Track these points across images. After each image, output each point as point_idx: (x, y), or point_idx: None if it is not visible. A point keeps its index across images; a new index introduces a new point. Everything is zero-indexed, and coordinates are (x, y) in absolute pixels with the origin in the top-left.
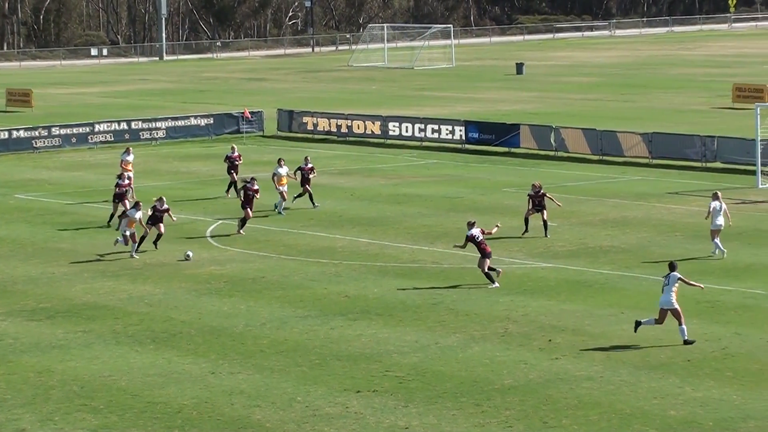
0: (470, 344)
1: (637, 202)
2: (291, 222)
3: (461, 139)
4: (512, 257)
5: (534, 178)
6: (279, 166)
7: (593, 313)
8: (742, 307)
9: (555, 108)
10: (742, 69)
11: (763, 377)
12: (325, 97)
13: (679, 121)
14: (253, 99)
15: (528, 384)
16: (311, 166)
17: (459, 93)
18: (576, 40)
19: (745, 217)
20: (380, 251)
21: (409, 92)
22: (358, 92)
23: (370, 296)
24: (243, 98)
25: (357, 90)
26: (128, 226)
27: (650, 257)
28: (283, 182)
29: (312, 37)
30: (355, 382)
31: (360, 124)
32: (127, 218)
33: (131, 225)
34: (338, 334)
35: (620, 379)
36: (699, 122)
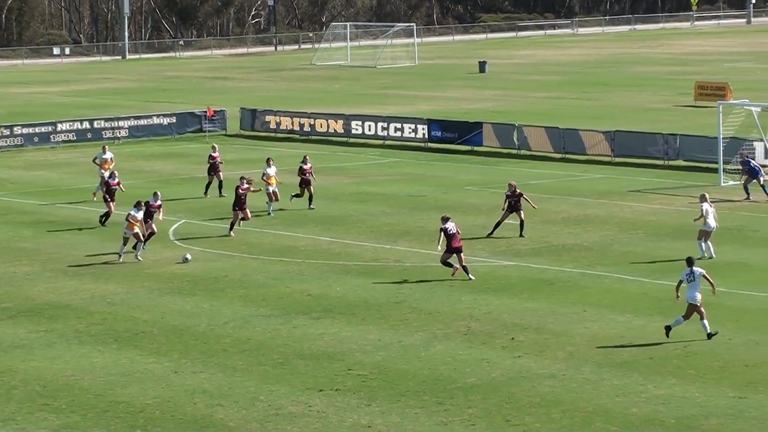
0: (433, 343)
1: (599, 201)
2: (253, 221)
3: (424, 138)
4: (475, 255)
5: (497, 176)
6: (268, 165)
7: (556, 311)
8: (705, 305)
9: (517, 106)
10: (705, 67)
11: (725, 375)
12: (287, 95)
13: (641, 119)
14: (215, 98)
15: (491, 382)
16: (310, 166)
17: (422, 91)
18: (538, 38)
19: None
20: (343, 250)
21: (372, 91)
22: (320, 91)
23: (333, 295)
24: (206, 97)
25: (320, 89)
26: (129, 228)
27: (612, 255)
28: (272, 182)
29: (275, 36)
30: (318, 380)
31: (323, 122)
32: (128, 221)
33: (133, 227)
34: (301, 333)
35: (583, 377)
36: (661, 120)
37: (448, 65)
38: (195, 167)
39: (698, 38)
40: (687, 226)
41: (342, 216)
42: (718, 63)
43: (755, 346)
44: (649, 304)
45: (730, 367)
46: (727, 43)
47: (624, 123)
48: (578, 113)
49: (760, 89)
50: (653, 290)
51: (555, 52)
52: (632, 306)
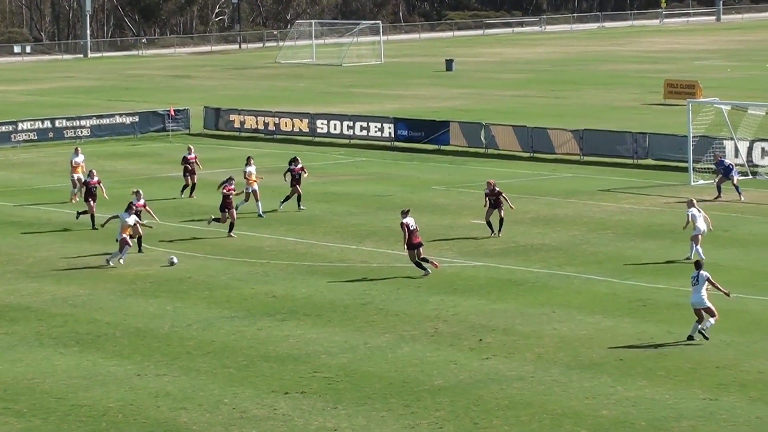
0: (400, 344)
1: (568, 200)
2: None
3: (390, 137)
4: (442, 256)
5: (464, 176)
6: (248, 164)
7: (524, 312)
8: (675, 306)
9: (485, 105)
10: (674, 65)
11: (695, 376)
12: (252, 94)
13: (610, 117)
14: (179, 96)
15: (458, 384)
16: (301, 166)
17: (388, 90)
18: (506, 36)
19: (677, 214)
20: (308, 250)
21: (338, 89)
22: (285, 89)
23: (298, 296)
24: (169, 96)
25: (284, 87)
26: (123, 232)
27: (581, 255)
28: (252, 181)
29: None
30: (283, 383)
31: (287, 121)
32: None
33: (126, 231)
34: (266, 335)
35: (551, 378)
36: (630, 119)
37: (414, 63)
38: (158, 167)
39: (667, 36)
40: (657, 226)
41: (307, 216)
42: (688, 61)
43: (726, 347)
44: (619, 304)
45: (701, 368)
46: (696, 41)
47: (593, 121)
48: (546, 112)
49: (729, 87)
50: (623, 291)
51: (523, 50)
52: (601, 307)
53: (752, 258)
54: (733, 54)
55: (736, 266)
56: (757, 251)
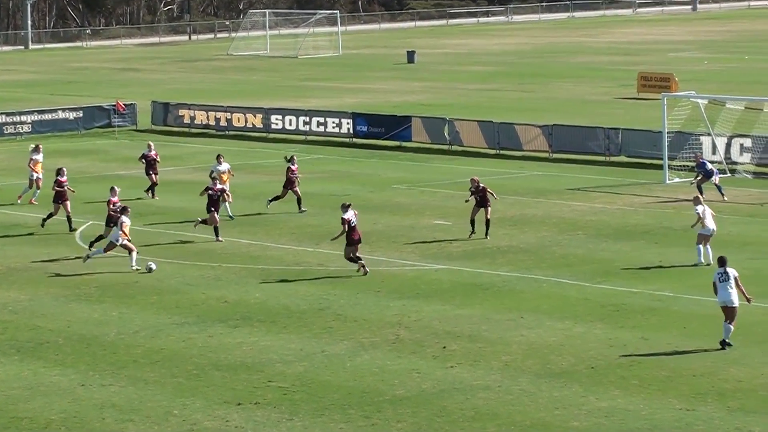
0: (359, 352)
1: (536, 199)
2: (166, 222)
3: (349, 133)
4: (404, 258)
5: (426, 174)
6: (218, 162)
7: (490, 317)
8: (649, 311)
9: (449, 99)
10: (648, 57)
11: (671, 385)
12: (202, 88)
13: (581, 112)
14: (125, 90)
15: (421, 394)
16: (296, 168)
17: (346, 83)
18: (471, 26)
19: (651, 214)
20: (262, 253)
21: (293, 83)
22: (238, 83)
23: (252, 301)
24: (115, 90)
25: (237, 80)
26: (123, 236)
27: (551, 258)
28: (224, 180)
29: (189, 24)
30: (236, 393)
31: (240, 117)
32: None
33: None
34: (217, 343)
35: (519, 388)
36: (602, 114)
37: (374, 55)
38: (104, 165)
39: (641, 26)
40: (630, 227)
41: (261, 217)
42: (663, 52)
43: (703, 354)
44: (590, 309)
45: (676, 377)
46: (671, 32)
47: (562, 116)
48: (514, 106)
49: (706, 80)
50: (594, 295)
51: (488, 41)
52: (572, 312)
53: (730, 260)
54: (710, 45)
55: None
56: (736, 253)
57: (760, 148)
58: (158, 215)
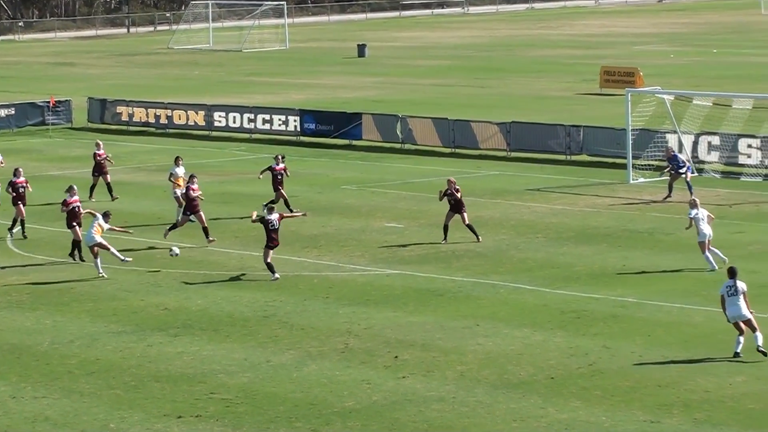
0: (306, 362)
1: (493, 201)
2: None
3: (296, 131)
4: (354, 263)
5: (377, 174)
6: (176, 165)
7: (445, 325)
8: (612, 318)
9: (401, 95)
10: (611, 50)
11: (634, 396)
12: (142, 83)
13: (540, 108)
14: (60, 86)
15: (372, 406)
16: (284, 167)
17: (293, 78)
18: (425, 18)
19: (614, 216)
20: (204, 257)
21: (237, 78)
22: (179, 78)
23: (193, 308)
24: (49, 85)
25: (178, 76)
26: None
27: (508, 262)
28: (181, 184)
29: (127, 16)
30: (176, 406)
31: (181, 114)
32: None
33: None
34: (157, 352)
35: (475, 399)
36: (563, 110)
37: (323, 49)
38: (37, 165)
39: (604, 18)
40: (592, 229)
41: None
42: (627, 45)
43: (668, 363)
44: (550, 316)
45: (640, 387)
46: (636, 24)
47: (521, 113)
48: (470, 102)
49: (672, 75)
50: (554, 301)
51: (443, 34)
52: (531, 319)
53: (697, 264)
54: (677, 38)
55: (680, 273)
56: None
57: (729, 147)
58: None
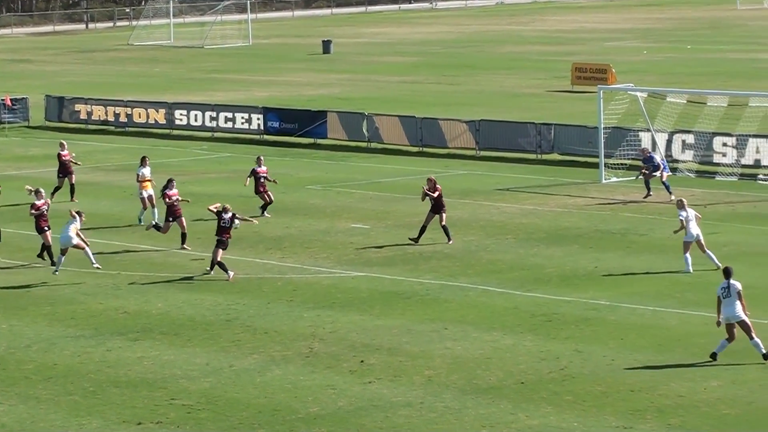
0: (270, 367)
1: (462, 201)
2: (59, 225)
3: (259, 129)
4: (319, 265)
5: (343, 173)
6: (142, 165)
7: (412, 329)
8: (584, 321)
9: (368, 92)
10: (583, 46)
11: (607, 401)
12: (101, 81)
13: (510, 106)
14: (16, 84)
15: (337, 412)
16: (266, 169)
17: (257, 75)
18: (392, 13)
19: (586, 217)
20: (165, 260)
21: (199, 75)
22: (139, 75)
23: (154, 312)
24: (5, 83)
25: (138, 73)
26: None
27: (477, 264)
28: (147, 185)
29: (86, 12)
30: (136, 412)
31: (142, 112)
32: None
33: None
34: (116, 357)
35: (443, 405)
36: (534, 108)
37: (287, 45)
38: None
39: (576, 13)
40: (563, 230)
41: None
42: (599, 42)
43: (642, 367)
44: (520, 320)
45: (613, 392)
46: (608, 19)
47: (491, 111)
48: (438, 100)
49: (646, 71)
50: (524, 304)
51: (411, 30)
52: (500, 322)
53: (671, 265)
54: (650, 34)
55: (653, 275)
56: (677, 258)
57: (704, 145)
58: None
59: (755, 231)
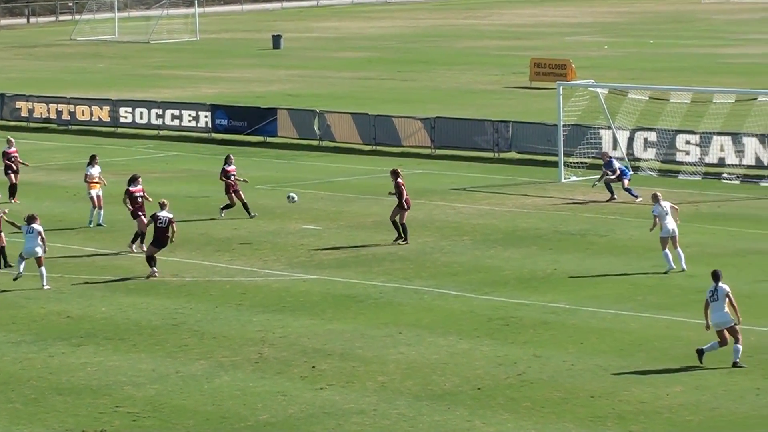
0: (218, 373)
1: (417, 201)
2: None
3: (207, 127)
4: (268, 268)
5: (294, 172)
6: (90, 164)
7: (365, 333)
8: (542, 325)
9: (319, 89)
10: (542, 41)
11: (566, 407)
12: (42, 77)
13: (467, 103)
14: None
15: (287, 420)
16: (234, 168)
17: (204, 71)
18: (344, 7)
19: (545, 217)
20: (109, 263)
21: (145, 71)
22: (82, 71)
23: (98, 316)
24: None
25: (81, 69)
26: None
27: (432, 266)
28: (95, 185)
29: (27, 5)
30: (79, 420)
31: (85, 109)
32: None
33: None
34: (59, 363)
35: (397, 412)
36: (491, 105)
37: (236, 40)
38: None
39: (535, 6)
40: (521, 231)
41: (108, 222)
42: (558, 36)
43: (602, 372)
44: (477, 323)
45: (572, 398)
46: (568, 13)
47: (446, 108)
48: (392, 97)
49: (607, 67)
50: (481, 307)
51: (364, 24)
52: (456, 327)
53: (632, 267)
54: (611, 28)
55: (614, 277)
56: (638, 259)
57: (666, 143)
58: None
59: (719, 232)
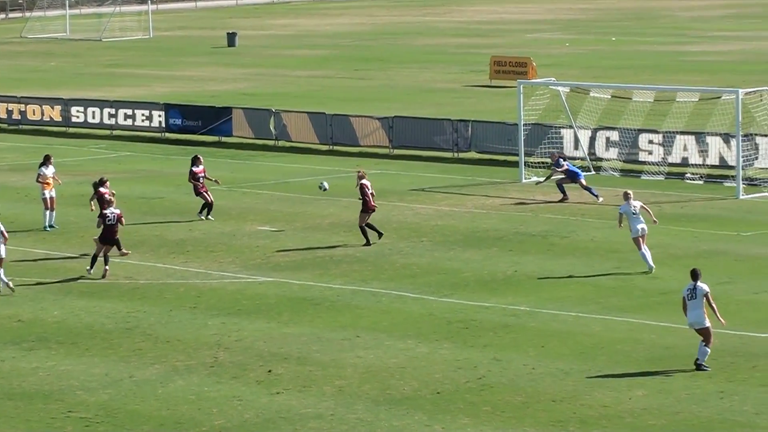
0: (172, 377)
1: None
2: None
3: (161, 127)
4: (223, 270)
5: (249, 173)
6: (44, 164)
7: (322, 336)
8: (502, 327)
9: (275, 88)
10: (502, 38)
11: (527, 412)
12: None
13: (425, 102)
14: None
15: (243, 425)
16: (203, 168)
17: (158, 70)
18: (301, 4)
19: (505, 218)
20: (61, 265)
21: (97, 69)
22: (33, 70)
23: (49, 320)
24: None
25: (32, 67)
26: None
27: (391, 268)
28: (49, 186)
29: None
30: (31, 426)
31: (36, 108)
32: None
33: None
34: (9, 368)
35: (355, 416)
36: (450, 104)
37: (190, 38)
38: None
39: (494, 3)
40: (482, 232)
41: (60, 223)
42: (519, 33)
43: (564, 376)
44: (436, 327)
45: (533, 402)
46: (529, 10)
47: (404, 107)
48: (349, 96)
49: (568, 65)
50: (440, 310)
51: (320, 22)
52: (415, 329)
53: (594, 269)
54: (573, 25)
55: (576, 279)
56: (600, 261)
57: (629, 143)
58: None
59: (683, 233)
